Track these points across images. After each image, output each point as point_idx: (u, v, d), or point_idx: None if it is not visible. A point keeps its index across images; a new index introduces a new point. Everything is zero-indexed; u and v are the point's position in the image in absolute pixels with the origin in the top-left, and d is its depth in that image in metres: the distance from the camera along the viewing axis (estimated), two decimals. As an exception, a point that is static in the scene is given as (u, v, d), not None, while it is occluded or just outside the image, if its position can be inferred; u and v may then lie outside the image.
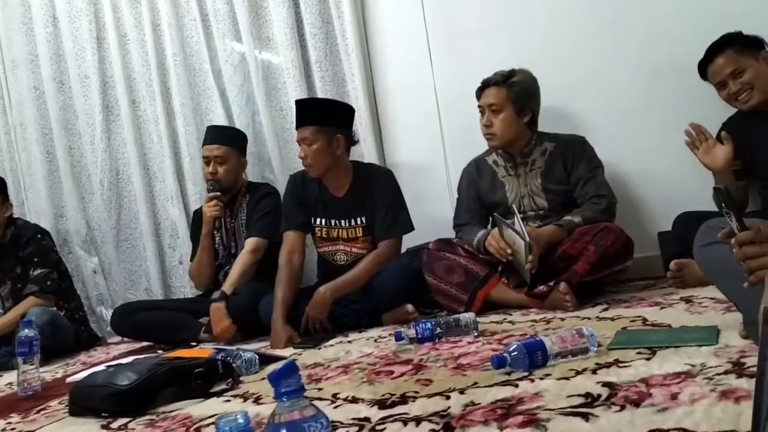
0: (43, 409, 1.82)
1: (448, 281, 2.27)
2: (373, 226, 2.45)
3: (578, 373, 1.26)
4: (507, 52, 2.58)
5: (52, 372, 2.45)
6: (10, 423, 1.71)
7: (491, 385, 1.29)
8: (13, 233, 2.97)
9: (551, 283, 2.09)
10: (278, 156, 2.97)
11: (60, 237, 3.30)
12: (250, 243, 2.69)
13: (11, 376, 2.36)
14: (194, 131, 3.08)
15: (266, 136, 2.98)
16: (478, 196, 2.43)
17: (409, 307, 2.32)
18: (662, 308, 1.83)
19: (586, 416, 1.01)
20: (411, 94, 2.84)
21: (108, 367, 1.78)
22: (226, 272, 2.71)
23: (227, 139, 2.80)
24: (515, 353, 1.35)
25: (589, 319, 1.85)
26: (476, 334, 1.84)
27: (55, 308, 2.89)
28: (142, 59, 3.13)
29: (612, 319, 1.79)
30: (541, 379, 1.27)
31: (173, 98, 3.10)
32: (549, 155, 2.34)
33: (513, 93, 2.29)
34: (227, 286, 2.57)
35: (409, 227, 2.48)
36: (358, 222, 2.48)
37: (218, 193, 2.74)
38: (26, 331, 2.11)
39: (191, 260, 2.90)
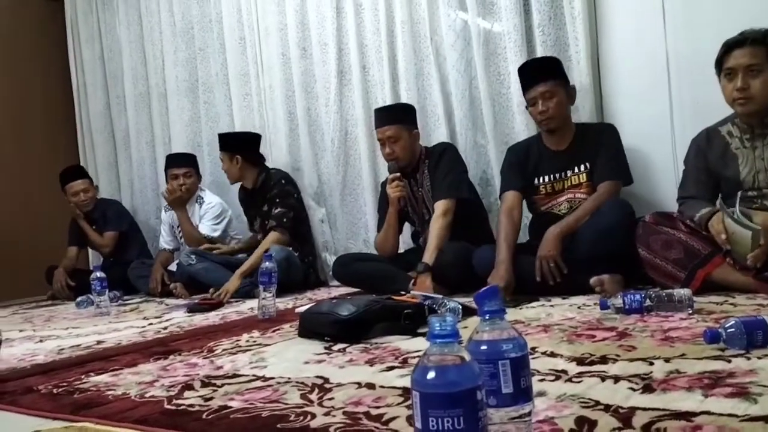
0: (278, 329, 2.12)
1: (663, 257, 2.15)
2: (594, 172, 2.47)
3: (805, 357, 1.16)
4: (751, 14, 2.31)
5: (284, 303, 2.81)
6: (252, 336, 2.03)
7: (700, 358, 1.24)
8: (264, 178, 3.48)
9: (787, 268, 1.88)
10: (492, 121, 3.01)
11: (295, 189, 3.71)
12: (439, 206, 2.78)
13: (253, 303, 2.78)
14: (415, 95, 3.23)
15: (482, 101, 3.03)
16: (707, 168, 2.24)
17: (617, 276, 2.23)
18: None
19: (807, 396, 0.94)
20: (639, 59, 2.68)
21: (332, 299, 2.02)
22: (425, 239, 2.82)
23: (395, 118, 2.90)
24: (732, 329, 1.28)
25: (830, 310, 1.65)
26: (691, 311, 1.74)
27: (291, 249, 3.29)
28: (374, 27, 3.36)
29: None
30: (759, 358, 1.19)
31: (399, 64, 3.28)
32: None
33: None
34: (428, 257, 2.65)
35: (630, 178, 2.48)
36: (582, 168, 2.51)
37: (399, 174, 2.86)
38: (267, 263, 2.46)
39: (378, 230, 3.08)
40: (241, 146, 3.49)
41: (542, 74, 2.49)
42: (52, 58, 4.67)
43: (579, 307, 2.04)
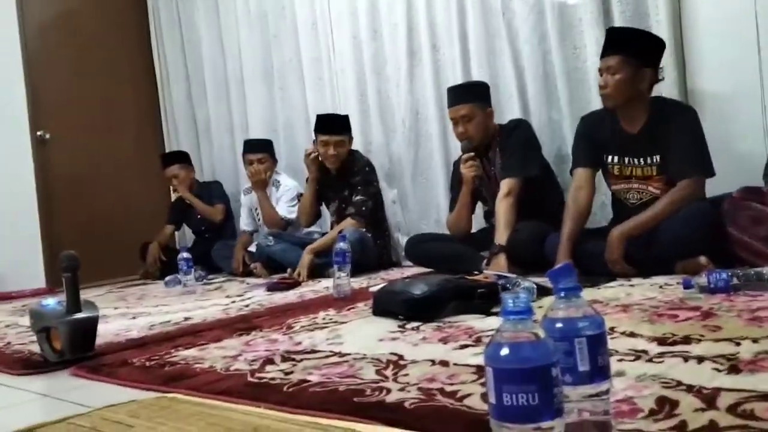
0: (352, 307, 2.17)
1: (752, 234, 2.05)
2: (668, 165, 2.30)
3: None
4: None
5: (358, 282, 2.86)
6: (327, 314, 2.09)
7: (792, 339, 1.18)
8: (349, 162, 3.47)
9: None
10: (567, 96, 2.92)
11: (367, 170, 3.74)
12: (504, 186, 2.75)
13: (328, 282, 2.84)
14: (486, 74, 3.18)
15: (557, 75, 2.95)
16: (801, 141, 2.11)
17: (702, 258, 2.15)
18: None
19: None
20: (725, 24, 2.53)
21: (405, 278, 2.04)
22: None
23: (469, 96, 2.84)
24: (828, 309, 1.21)
25: None
26: (782, 290, 1.66)
27: (364, 230, 3.33)
28: (444, 4, 3.31)
29: None
30: None
31: (470, 41, 3.24)
32: None
33: None
34: (500, 237, 2.63)
35: (711, 171, 2.28)
36: (653, 161, 2.35)
37: (473, 153, 2.82)
38: (341, 244, 2.51)
39: (450, 210, 3.05)
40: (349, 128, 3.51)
41: (614, 46, 2.32)
42: (136, 49, 4.88)
43: (661, 287, 1.98)
